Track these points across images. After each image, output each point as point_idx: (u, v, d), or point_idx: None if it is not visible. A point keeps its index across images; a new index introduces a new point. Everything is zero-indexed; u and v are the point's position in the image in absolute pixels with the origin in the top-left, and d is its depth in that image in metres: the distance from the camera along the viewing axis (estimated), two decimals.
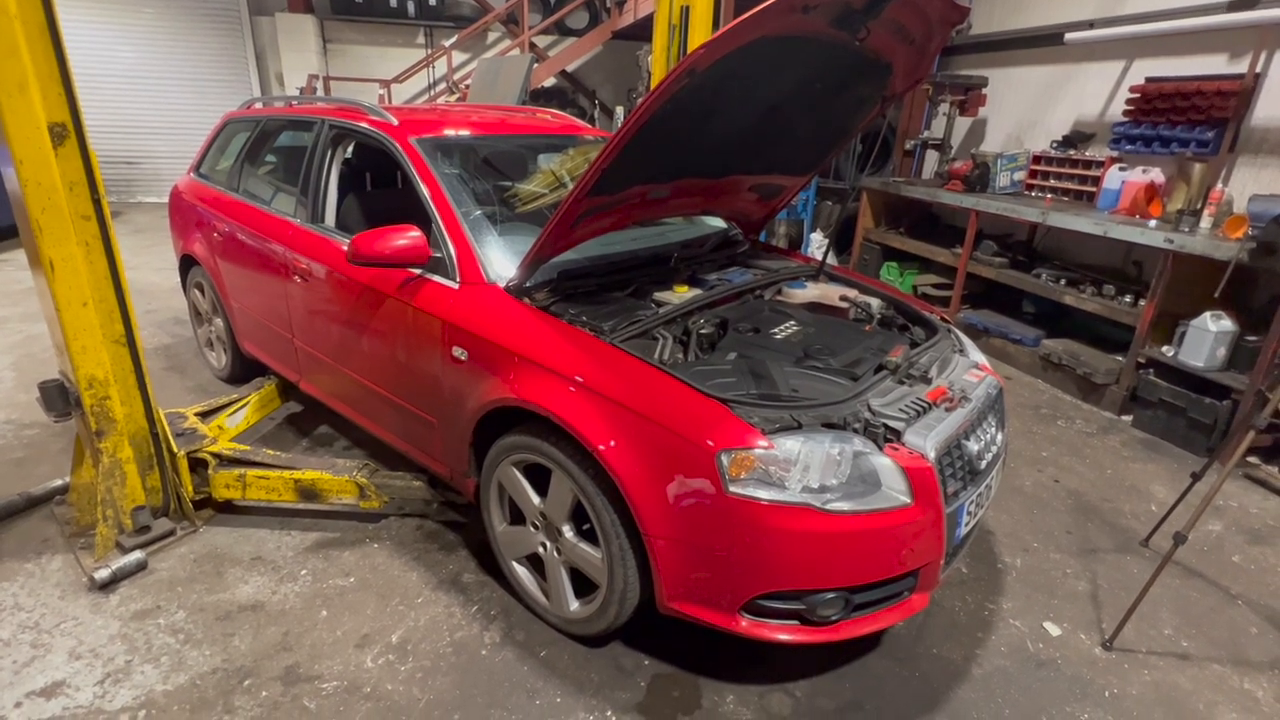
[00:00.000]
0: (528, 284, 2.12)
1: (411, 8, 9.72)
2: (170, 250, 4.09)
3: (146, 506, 2.44)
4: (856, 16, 1.81)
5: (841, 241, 6.55)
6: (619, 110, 8.60)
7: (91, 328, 2.20)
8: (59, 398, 2.31)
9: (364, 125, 2.67)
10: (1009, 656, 2.13)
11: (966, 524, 1.90)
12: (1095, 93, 5.00)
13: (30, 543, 2.43)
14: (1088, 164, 4.72)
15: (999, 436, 2.11)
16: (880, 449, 1.72)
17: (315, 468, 2.56)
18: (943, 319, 2.54)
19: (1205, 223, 3.70)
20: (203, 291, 3.64)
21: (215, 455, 2.58)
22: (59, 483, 2.67)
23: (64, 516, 2.54)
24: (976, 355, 2.34)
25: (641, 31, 7.57)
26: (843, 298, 2.58)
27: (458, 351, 2.12)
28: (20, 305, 4.90)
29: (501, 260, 2.22)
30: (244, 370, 3.54)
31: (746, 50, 1.66)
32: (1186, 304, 3.62)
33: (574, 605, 2.05)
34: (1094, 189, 4.63)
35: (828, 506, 1.63)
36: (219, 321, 3.56)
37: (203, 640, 2.05)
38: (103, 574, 2.22)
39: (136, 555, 2.31)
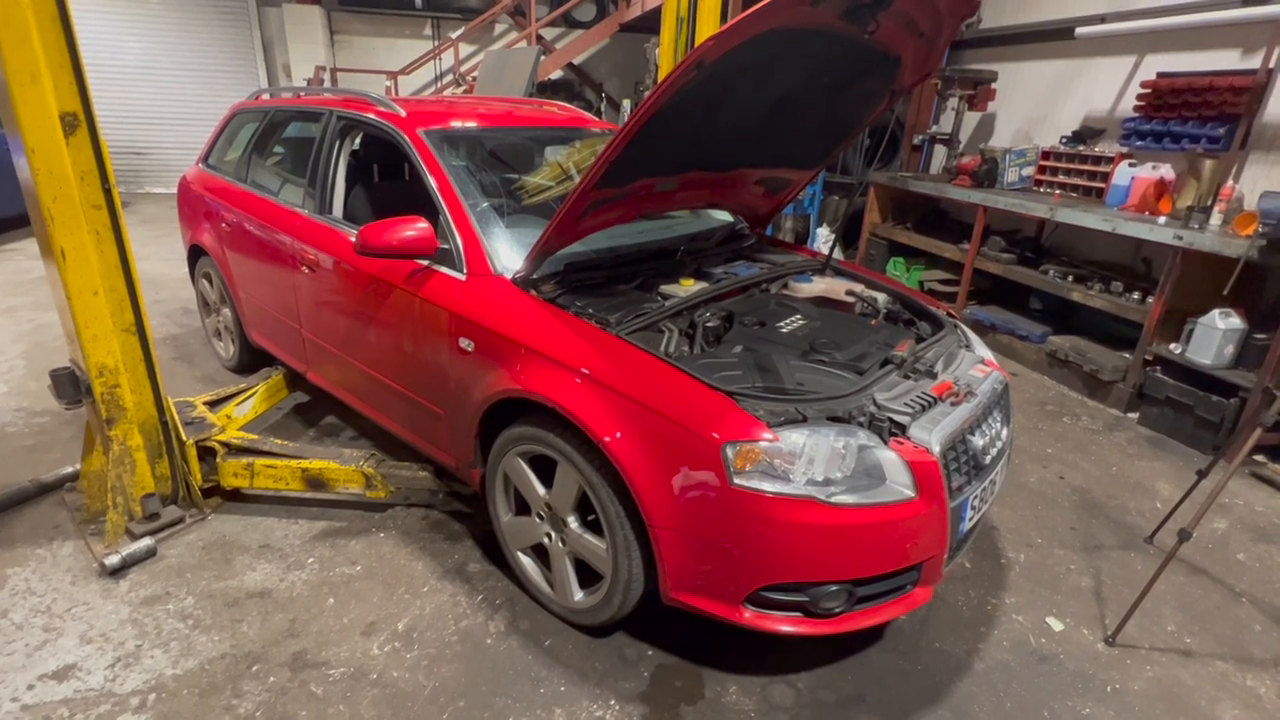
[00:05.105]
0: (534, 276, 2.13)
1: None
2: (178, 240, 4.11)
3: (156, 494, 2.47)
4: (866, 9, 1.80)
5: (848, 236, 6.53)
6: (625, 103, 8.58)
7: (102, 316, 2.22)
8: (70, 385, 2.33)
9: (371, 116, 2.68)
10: (1011, 651, 2.14)
11: (970, 519, 1.91)
12: (1105, 88, 4.96)
13: (42, 528, 2.46)
14: (1097, 160, 4.68)
15: (1004, 432, 2.11)
16: (885, 443, 1.73)
17: (322, 457, 2.58)
18: (949, 314, 2.53)
19: (1215, 219, 3.67)
20: (211, 282, 3.66)
21: (223, 444, 2.60)
22: (70, 470, 2.70)
23: (75, 503, 2.57)
24: (982, 350, 2.33)
25: (649, 24, 7.55)
26: (849, 292, 2.58)
27: (464, 343, 2.13)
28: (31, 294, 4.93)
29: (508, 252, 2.22)
30: (252, 360, 3.56)
31: (755, 43, 1.65)
32: (1195, 301, 3.60)
33: (578, 595, 2.06)
34: (1103, 185, 4.59)
35: (832, 499, 1.64)
36: (227, 312, 3.58)
37: (211, 626, 2.08)
38: (113, 560, 2.24)
39: (146, 542, 2.34)
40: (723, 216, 3.02)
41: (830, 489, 1.65)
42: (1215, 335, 3.43)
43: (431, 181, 2.37)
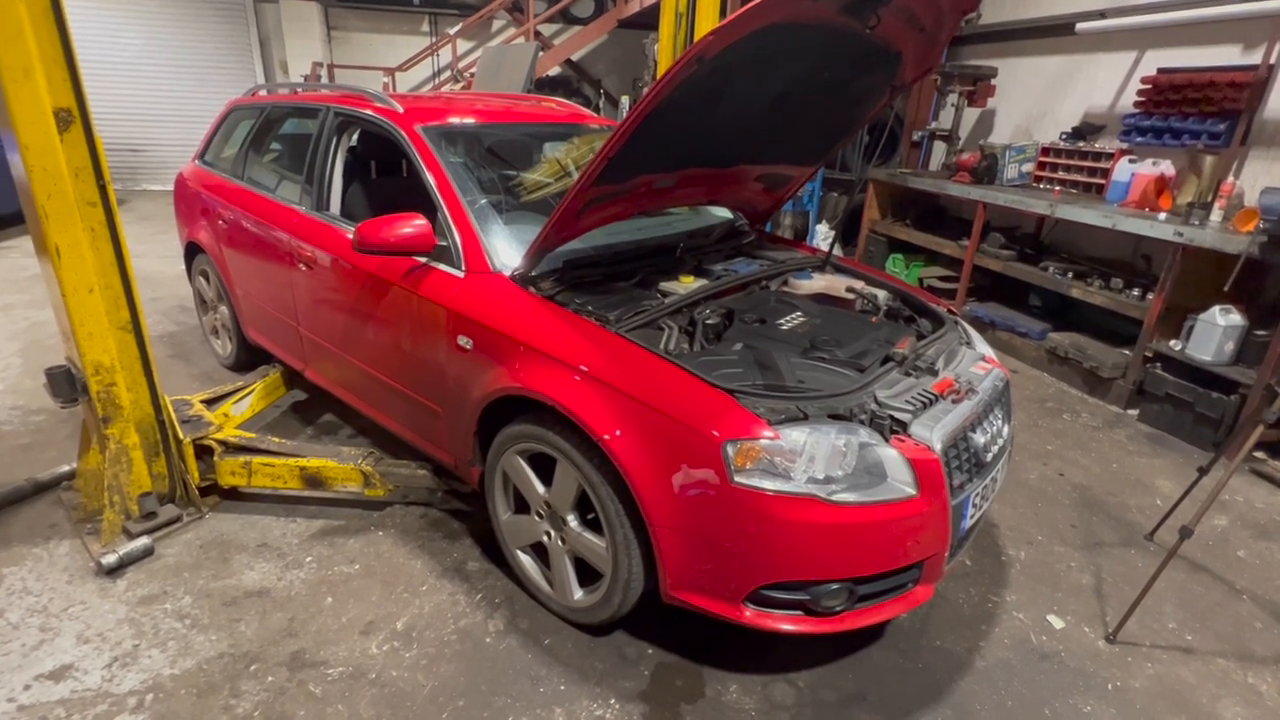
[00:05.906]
0: (533, 273, 2.11)
1: None
2: (175, 238, 4.08)
3: (153, 493, 2.46)
4: (867, 4, 1.79)
5: (848, 233, 6.52)
6: (624, 100, 8.56)
7: (98, 314, 2.20)
8: (66, 384, 2.31)
9: (369, 113, 2.66)
10: (1012, 649, 2.13)
11: (971, 516, 1.90)
12: (1106, 84, 4.94)
13: (38, 528, 2.44)
14: (1097, 156, 4.67)
15: (1005, 429, 2.10)
16: (886, 440, 1.72)
17: (320, 455, 2.57)
18: (949, 311, 2.52)
19: (1215, 216, 3.66)
20: (208, 279, 3.64)
21: (221, 442, 2.58)
22: (66, 468, 2.68)
23: (71, 502, 2.55)
24: (983, 347, 2.33)
25: (647, 20, 7.52)
26: (849, 289, 2.57)
27: (463, 340, 2.11)
28: (26, 292, 4.91)
29: (507, 249, 2.21)
30: (249, 358, 3.54)
31: (755, 38, 1.64)
32: (1195, 298, 3.59)
33: (578, 594, 2.06)
34: (1103, 181, 4.58)
35: (833, 497, 1.63)
36: (224, 309, 3.56)
37: (209, 625, 2.06)
38: (110, 559, 2.23)
39: (143, 541, 2.32)
40: (722, 213, 3.00)
41: (831, 487, 1.64)
42: (1215, 332, 3.42)
43: (429, 178, 2.35)
